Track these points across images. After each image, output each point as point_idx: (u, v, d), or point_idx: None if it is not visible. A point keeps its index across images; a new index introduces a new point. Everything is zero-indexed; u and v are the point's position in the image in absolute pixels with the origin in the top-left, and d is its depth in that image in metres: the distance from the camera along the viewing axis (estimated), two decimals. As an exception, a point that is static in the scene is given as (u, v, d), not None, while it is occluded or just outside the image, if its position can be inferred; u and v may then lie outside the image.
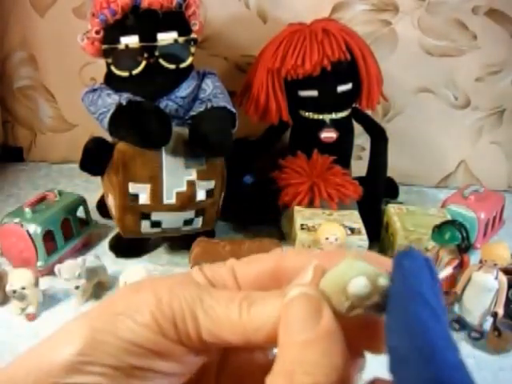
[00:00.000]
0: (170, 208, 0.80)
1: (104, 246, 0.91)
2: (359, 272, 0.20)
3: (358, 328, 0.21)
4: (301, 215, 0.85)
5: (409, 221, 0.85)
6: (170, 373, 0.23)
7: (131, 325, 0.22)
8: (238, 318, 0.21)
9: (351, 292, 0.19)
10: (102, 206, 0.94)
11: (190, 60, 0.84)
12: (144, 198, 0.79)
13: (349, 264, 0.20)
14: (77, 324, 0.22)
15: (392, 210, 0.89)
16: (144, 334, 0.22)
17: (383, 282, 0.19)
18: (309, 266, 0.21)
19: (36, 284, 0.74)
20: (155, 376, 0.22)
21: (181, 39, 0.82)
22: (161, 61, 0.81)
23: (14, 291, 0.72)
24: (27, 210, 0.82)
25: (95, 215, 0.96)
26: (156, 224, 0.82)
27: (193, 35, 0.84)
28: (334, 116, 0.94)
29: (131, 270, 0.75)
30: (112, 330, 0.22)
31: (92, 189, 1.01)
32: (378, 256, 0.22)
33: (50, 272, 0.80)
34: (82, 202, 0.91)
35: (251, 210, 0.96)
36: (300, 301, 0.20)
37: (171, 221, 0.82)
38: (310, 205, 0.88)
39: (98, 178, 0.87)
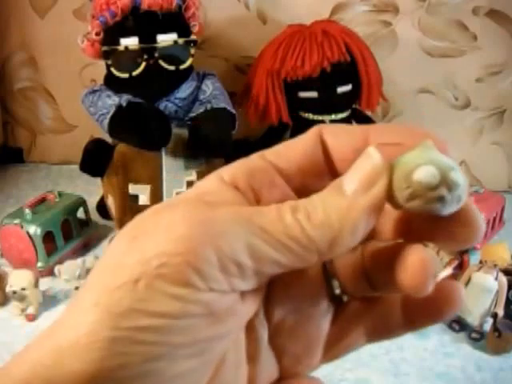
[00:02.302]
0: (170, 209, 0.80)
1: (104, 246, 0.91)
2: (431, 161, 0.17)
3: (421, 218, 0.19)
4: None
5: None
6: (228, 332, 0.19)
7: (163, 289, 0.17)
8: (302, 233, 0.18)
9: (416, 179, 0.17)
10: (101, 206, 0.94)
11: (189, 61, 0.84)
12: (144, 199, 0.79)
13: (421, 151, 0.18)
14: (90, 321, 0.17)
15: (392, 210, 0.88)
16: (186, 297, 0.17)
17: (455, 176, 0.17)
18: (367, 153, 0.18)
19: (36, 285, 0.74)
20: (214, 344, 0.18)
21: (180, 40, 0.82)
22: (160, 62, 0.81)
23: (14, 292, 0.72)
24: (27, 211, 0.82)
25: (95, 216, 0.96)
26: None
27: (192, 36, 0.84)
28: (333, 117, 0.94)
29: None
30: (140, 307, 0.17)
31: (92, 190, 1.01)
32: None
33: (50, 273, 0.80)
34: (82, 202, 0.91)
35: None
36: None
37: (171, 222, 0.82)
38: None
39: (98, 179, 0.88)
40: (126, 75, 0.81)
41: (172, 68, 0.82)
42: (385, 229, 0.21)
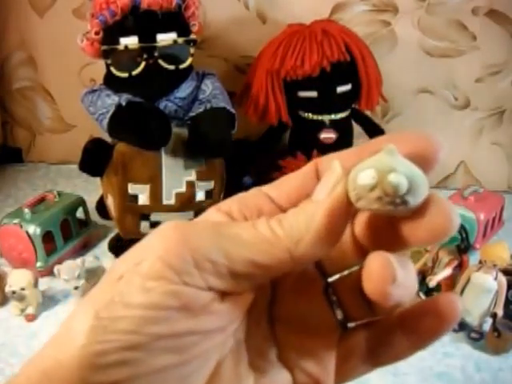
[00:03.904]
0: (170, 209, 0.80)
1: (103, 246, 0.90)
2: (374, 164, 0.19)
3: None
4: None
5: (408, 221, 0.84)
6: (206, 330, 0.19)
7: (139, 282, 0.18)
8: (272, 234, 0.19)
9: (357, 181, 0.19)
10: (101, 206, 0.94)
11: (189, 61, 0.84)
12: (143, 199, 0.79)
13: (379, 156, 0.20)
14: (79, 312, 0.19)
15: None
16: (159, 289, 0.18)
17: (393, 178, 0.19)
18: (332, 168, 0.20)
19: (35, 285, 0.74)
20: (192, 340, 0.19)
21: (180, 40, 0.82)
22: (160, 62, 0.81)
23: (14, 292, 0.72)
24: (26, 210, 0.82)
25: (94, 216, 0.96)
26: (155, 224, 0.82)
27: (192, 36, 0.84)
28: (333, 117, 0.94)
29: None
30: (118, 299, 0.18)
31: (91, 189, 1.01)
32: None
33: (50, 273, 0.80)
34: (82, 202, 0.91)
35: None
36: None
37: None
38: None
39: (98, 179, 0.87)
40: (125, 75, 0.81)
41: (172, 67, 0.82)
42: (374, 243, 0.22)
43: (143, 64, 0.80)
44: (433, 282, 0.73)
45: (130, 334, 0.18)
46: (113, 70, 0.82)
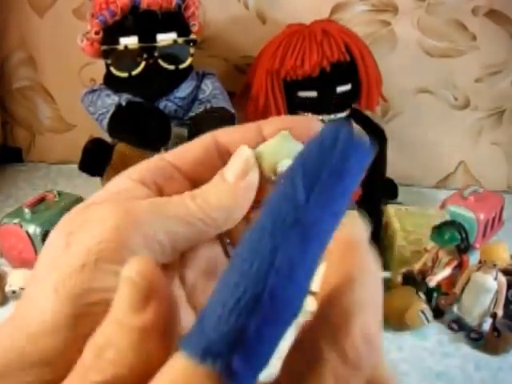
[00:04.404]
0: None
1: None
2: (289, 153, 0.22)
3: None
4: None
5: (408, 221, 0.85)
6: None
7: (105, 268, 0.20)
8: (200, 212, 0.22)
9: (279, 171, 0.22)
10: (101, 206, 0.94)
11: (189, 61, 0.84)
12: (143, 199, 0.79)
13: (282, 142, 0.23)
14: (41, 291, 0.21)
15: (391, 210, 0.89)
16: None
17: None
18: (239, 152, 0.24)
19: (35, 285, 0.74)
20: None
21: (180, 40, 0.82)
22: (160, 61, 0.81)
23: (14, 292, 0.72)
24: (26, 210, 0.82)
25: (94, 216, 0.96)
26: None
27: (192, 36, 0.84)
28: (333, 117, 0.94)
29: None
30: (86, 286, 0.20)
31: (91, 189, 1.00)
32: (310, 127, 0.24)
33: (50, 273, 0.80)
34: (82, 202, 0.91)
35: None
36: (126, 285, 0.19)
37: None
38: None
39: (98, 179, 0.87)
40: (125, 74, 0.81)
41: (171, 67, 0.82)
42: None
43: (143, 64, 0.80)
44: (432, 281, 0.73)
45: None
46: (113, 69, 0.82)
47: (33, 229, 0.81)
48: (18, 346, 0.20)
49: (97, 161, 0.83)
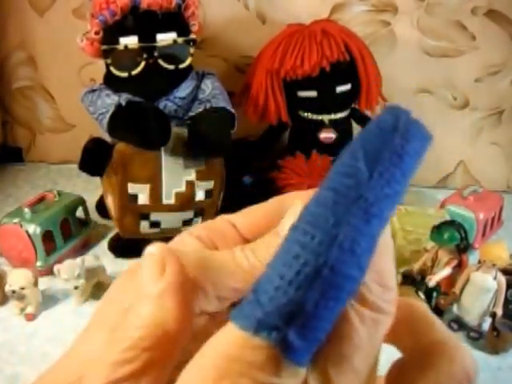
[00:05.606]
0: (169, 208, 0.80)
1: (103, 246, 0.91)
2: None
3: None
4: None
5: (408, 221, 0.85)
6: None
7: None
8: (247, 264, 0.21)
9: None
10: (101, 206, 0.94)
11: (189, 61, 0.84)
12: (143, 199, 0.79)
13: None
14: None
15: (391, 210, 0.89)
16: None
17: None
18: (292, 207, 0.22)
19: (35, 284, 0.75)
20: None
21: (180, 40, 0.82)
22: (160, 61, 0.81)
23: (14, 291, 0.72)
24: (26, 210, 0.82)
25: (94, 215, 0.96)
26: (155, 224, 0.82)
27: (192, 36, 0.84)
28: (332, 116, 0.94)
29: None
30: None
31: (91, 189, 1.01)
32: None
33: (50, 272, 0.80)
34: (82, 202, 0.91)
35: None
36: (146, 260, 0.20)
37: (170, 221, 0.82)
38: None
39: (97, 179, 0.88)
40: (125, 74, 0.81)
41: (171, 67, 0.82)
42: None
43: (143, 64, 0.80)
44: (432, 281, 0.73)
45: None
46: (113, 69, 0.82)
47: (33, 228, 0.81)
48: None
49: (97, 160, 0.83)
